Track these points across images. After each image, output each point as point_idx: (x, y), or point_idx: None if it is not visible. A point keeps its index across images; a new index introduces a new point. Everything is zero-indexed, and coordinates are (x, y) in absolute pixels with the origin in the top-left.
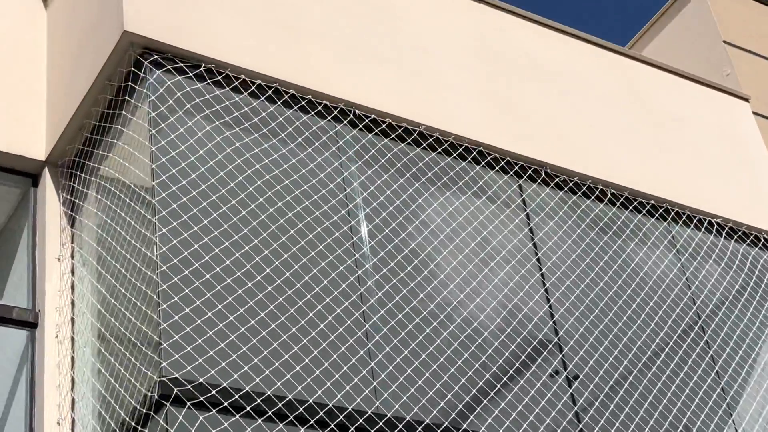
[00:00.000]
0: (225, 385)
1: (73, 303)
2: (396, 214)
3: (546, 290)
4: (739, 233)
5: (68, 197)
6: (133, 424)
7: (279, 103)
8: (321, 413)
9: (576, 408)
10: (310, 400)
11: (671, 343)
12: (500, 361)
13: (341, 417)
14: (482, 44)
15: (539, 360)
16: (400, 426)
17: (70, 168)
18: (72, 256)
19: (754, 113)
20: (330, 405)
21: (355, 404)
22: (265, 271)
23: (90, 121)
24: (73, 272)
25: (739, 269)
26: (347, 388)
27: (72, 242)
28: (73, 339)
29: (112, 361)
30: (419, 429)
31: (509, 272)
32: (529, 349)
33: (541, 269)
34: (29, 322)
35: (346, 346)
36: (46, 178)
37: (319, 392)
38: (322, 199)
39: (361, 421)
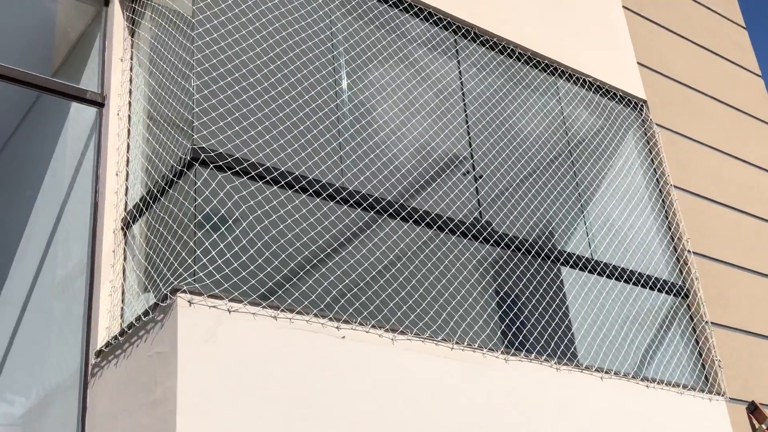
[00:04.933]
0: (238, 156)
1: (130, 91)
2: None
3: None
4: (603, 90)
5: (130, 15)
6: (170, 176)
7: None
8: (303, 182)
9: (478, 197)
10: (297, 172)
11: (551, 159)
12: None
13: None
14: None
15: (458, 162)
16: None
17: None
18: (131, 58)
19: (623, 6)
20: (311, 177)
21: (326, 178)
22: (270, 80)
23: None
24: (131, 69)
25: (600, 114)
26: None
27: (132, 48)
28: (129, 117)
29: (158, 132)
30: (380, 206)
31: (443, 108)
32: (454, 153)
33: (465, 105)
34: (99, 102)
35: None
36: (115, 1)
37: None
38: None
39: (330, 191)
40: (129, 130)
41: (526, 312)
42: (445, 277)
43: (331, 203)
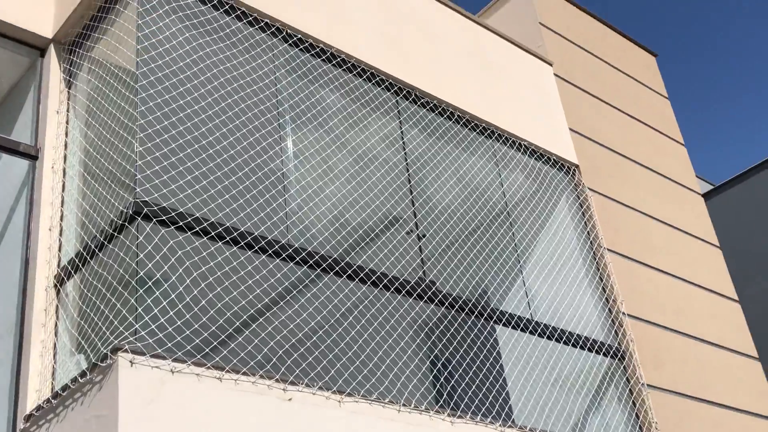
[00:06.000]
0: (182, 210)
1: (66, 144)
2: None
3: (409, 181)
4: (537, 153)
5: (68, 67)
6: (110, 231)
7: (243, 21)
8: (249, 238)
9: (422, 256)
10: (242, 228)
11: (489, 221)
12: (374, 220)
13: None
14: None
15: (401, 221)
16: (305, 255)
17: (71, 46)
18: (68, 110)
19: (555, 75)
20: (257, 233)
21: (272, 235)
22: (215, 135)
23: (90, 11)
24: (68, 122)
25: (535, 178)
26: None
27: (68, 100)
28: (65, 170)
29: (96, 186)
30: (327, 264)
31: (386, 169)
32: (400, 210)
33: (407, 165)
34: (32, 155)
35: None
36: (52, 52)
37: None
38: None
39: (276, 247)
40: (64, 184)
41: (470, 373)
42: (391, 337)
43: (277, 260)
